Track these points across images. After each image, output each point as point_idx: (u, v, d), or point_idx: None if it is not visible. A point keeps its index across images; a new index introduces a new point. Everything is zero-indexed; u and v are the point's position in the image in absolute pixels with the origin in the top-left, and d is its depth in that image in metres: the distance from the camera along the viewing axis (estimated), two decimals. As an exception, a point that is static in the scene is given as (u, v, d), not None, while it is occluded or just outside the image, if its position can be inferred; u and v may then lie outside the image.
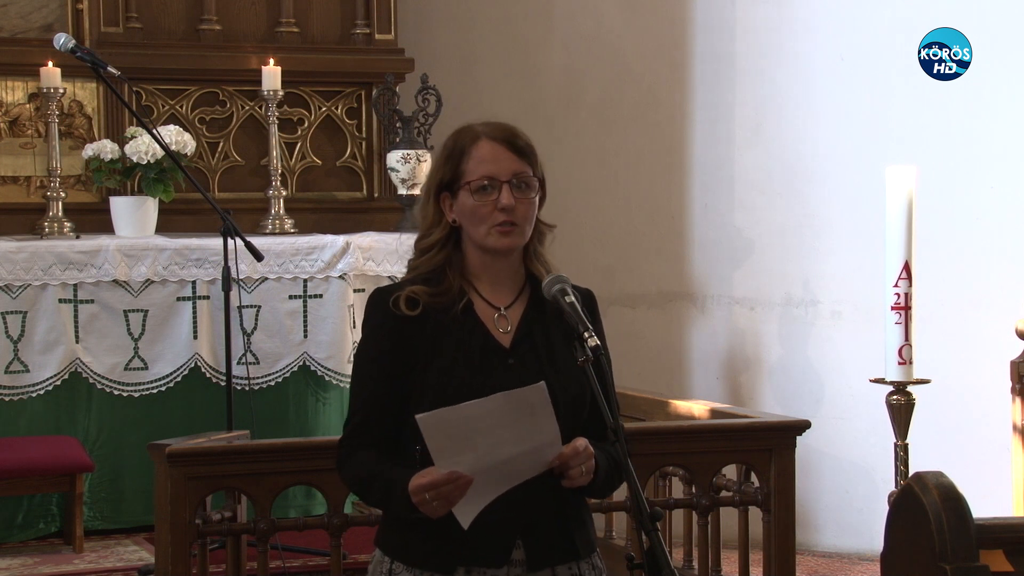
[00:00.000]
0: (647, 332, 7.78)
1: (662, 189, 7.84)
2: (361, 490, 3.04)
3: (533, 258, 3.06)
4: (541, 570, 2.98)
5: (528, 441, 2.84)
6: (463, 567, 2.95)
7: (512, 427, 2.81)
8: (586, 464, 2.90)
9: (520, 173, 2.98)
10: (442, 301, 3.00)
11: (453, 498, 2.83)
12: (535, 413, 2.81)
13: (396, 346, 2.98)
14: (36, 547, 6.29)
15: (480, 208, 2.97)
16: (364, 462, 2.98)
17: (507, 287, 3.05)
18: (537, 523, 2.97)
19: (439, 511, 2.84)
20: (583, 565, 3.03)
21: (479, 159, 2.98)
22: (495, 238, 2.98)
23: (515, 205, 2.97)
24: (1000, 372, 5.81)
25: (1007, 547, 3.12)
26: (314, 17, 7.65)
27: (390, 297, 3.01)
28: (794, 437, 5.10)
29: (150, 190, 6.84)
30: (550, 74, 8.04)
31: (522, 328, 3.02)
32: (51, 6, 7.13)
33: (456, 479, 2.81)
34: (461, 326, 2.99)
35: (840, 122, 7.31)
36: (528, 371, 2.94)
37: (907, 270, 5.25)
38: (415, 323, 2.98)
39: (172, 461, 4.53)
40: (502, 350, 3.00)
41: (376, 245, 6.97)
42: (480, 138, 3.00)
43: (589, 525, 3.08)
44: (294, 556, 5.78)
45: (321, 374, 6.78)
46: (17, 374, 6.39)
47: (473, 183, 2.97)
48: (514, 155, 2.99)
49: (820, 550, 7.20)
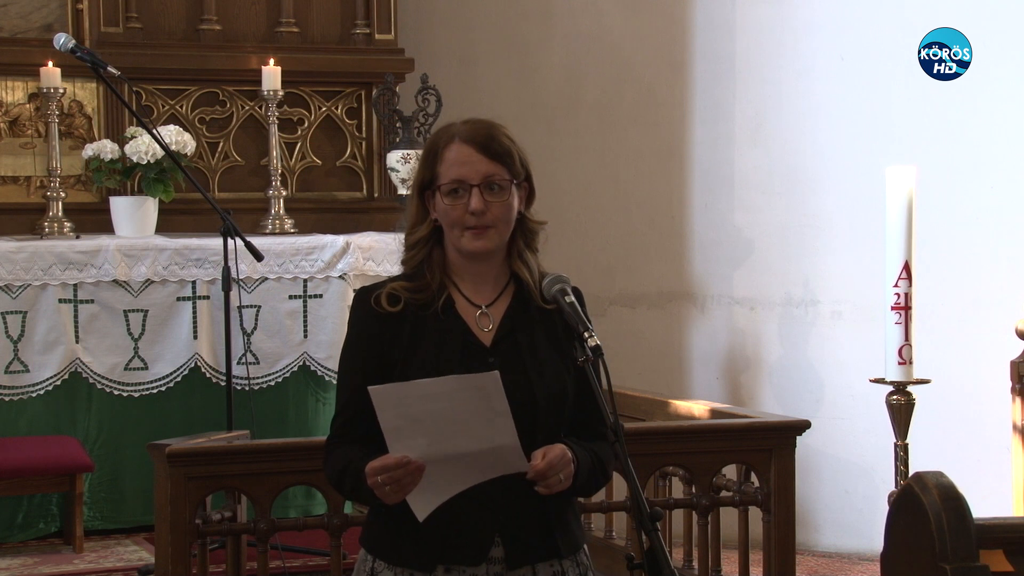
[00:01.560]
0: (647, 332, 7.78)
1: (662, 189, 7.84)
2: (338, 483, 3.04)
3: (516, 257, 3.06)
4: (521, 568, 2.98)
5: (483, 437, 2.82)
6: (442, 565, 2.95)
7: (465, 415, 2.80)
8: (564, 471, 2.90)
9: (491, 176, 2.97)
10: (423, 298, 3.00)
11: (405, 484, 2.83)
12: (490, 404, 2.80)
13: (377, 343, 2.99)
14: (36, 547, 6.29)
15: (451, 211, 2.98)
16: (341, 456, 2.99)
17: (489, 285, 3.05)
18: (516, 521, 2.96)
19: (392, 497, 2.85)
20: (566, 563, 3.02)
21: (450, 162, 2.98)
22: (467, 240, 2.98)
23: (486, 208, 2.96)
24: (1000, 372, 5.81)
25: (1007, 547, 3.13)
26: (314, 17, 7.65)
27: (371, 295, 3.02)
28: (794, 437, 5.10)
29: (150, 190, 6.84)
30: (550, 74, 8.04)
31: (504, 326, 3.02)
32: (51, 6, 7.13)
33: (406, 464, 2.81)
34: (441, 324, 2.99)
35: (840, 122, 7.31)
36: (509, 369, 2.92)
37: (907, 270, 5.25)
38: (395, 320, 2.98)
39: (172, 461, 4.53)
40: (482, 348, 2.99)
41: (376, 245, 6.97)
42: (453, 140, 2.99)
43: (573, 524, 3.07)
44: (294, 556, 5.78)
45: (321, 374, 6.78)
46: (17, 374, 6.39)
47: (444, 187, 2.98)
48: (485, 158, 2.97)
49: (820, 550, 7.20)
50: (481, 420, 2.81)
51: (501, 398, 2.80)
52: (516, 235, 3.05)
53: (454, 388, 2.80)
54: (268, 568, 4.70)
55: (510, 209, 3.00)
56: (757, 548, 5.20)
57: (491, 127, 3.01)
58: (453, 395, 2.80)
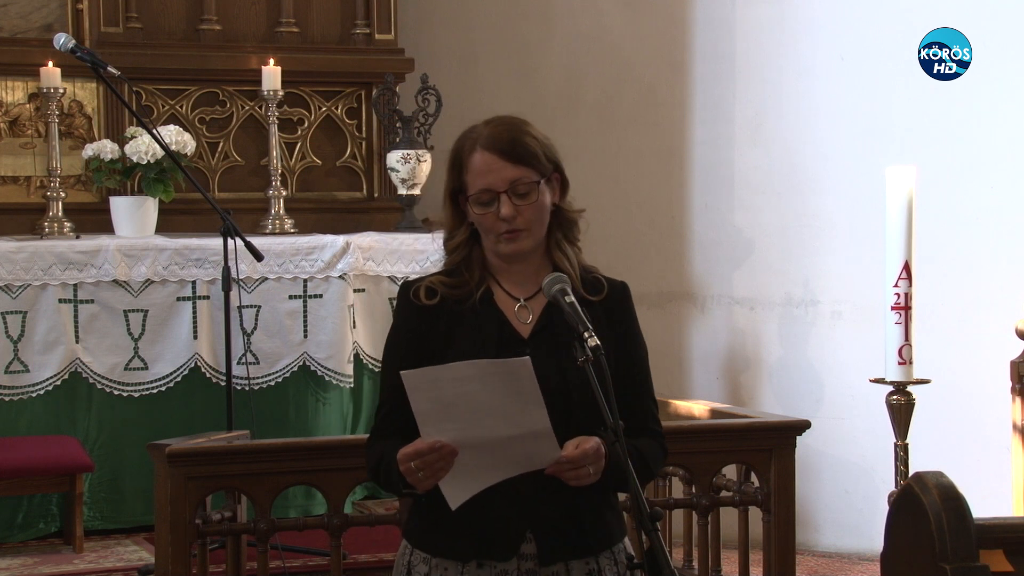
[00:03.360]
0: (647, 332, 7.73)
1: (662, 189, 7.84)
2: (375, 476, 3.05)
3: (556, 249, 3.06)
4: (554, 564, 2.98)
5: (516, 424, 2.82)
6: (475, 559, 2.96)
7: (497, 399, 2.80)
8: (595, 465, 2.89)
9: (517, 180, 2.97)
10: (461, 292, 3.02)
11: (437, 469, 2.83)
12: (521, 391, 2.80)
13: (415, 337, 3.01)
14: (36, 547, 6.29)
15: (483, 219, 3.00)
16: (379, 450, 3.01)
17: (531, 279, 3.06)
18: (549, 518, 2.97)
19: (425, 483, 2.85)
20: (602, 560, 3.02)
21: (475, 171, 2.99)
22: (503, 245, 3.01)
23: (517, 213, 2.97)
24: (1000, 372, 5.81)
25: (1007, 547, 3.12)
26: (314, 17, 7.65)
27: (411, 288, 3.05)
28: (794, 437, 5.09)
29: (150, 190, 6.84)
30: (550, 74, 8.04)
31: (543, 319, 3.03)
32: (51, 6, 7.13)
33: (439, 448, 2.81)
34: (479, 315, 3.01)
35: (840, 122, 7.31)
36: (545, 361, 2.93)
37: (907, 270, 5.25)
38: (432, 312, 3.01)
39: (172, 461, 4.53)
40: (520, 340, 3.01)
41: (376, 245, 6.97)
42: (475, 149, 2.99)
43: (609, 518, 3.06)
44: (294, 556, 5.78)
45: (321, 374, 6.78)
46: (17, 374, 6.39)
47: (472, 197, 2.99)
48: (509, 163, 2.97)
49: (820, 550, 7.19)
50: (513, 405, 2.81)
51: (533, 384, 2.79)
52: (553, 227, 3.06)
53: (486, 372, 2.80)
54: (268, 568, 4.70)
55: (541, 209, 3.00)
56: (757, 548, 5.19)
57: (512, 129, 3.00)
58: (485, 379, 2.79)
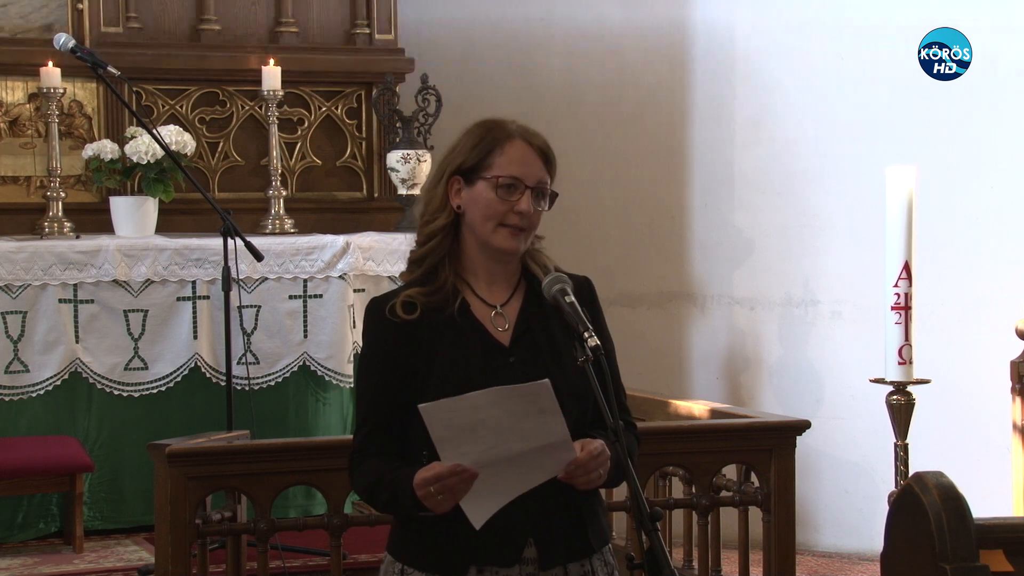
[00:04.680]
0: (647, 332, 7.78)
1: (662, 189, 7.84)
2: (370, 496, 3.03)
3: (528, 257, 3.07)
4: (553, 568, 2.98)
5: (536, 438, 2.82)
6: (475, 566, 2.94)
7: (516, 422, 2.80)
8: (604, 467, 2.90)
9: (543, 182, 3.02)
10: (437, 300, 2.99)
11: (458, 491, 2.82)
12: (542, 411, 2.80)
13: (396, 353, 2.98)
14: (36, 547, 6.29)
15: (497, 205, 2.98)
16: (372, 469, 2.98)
17: (503, 285, 3.05)
18: (550, 521, 2.96)
19: (444, 506, 2.84)
20: (595, 562, 3.03)
21: (511, 157, 2.99)
22: (502, 237, 2.99)
23: (531, 212, 2.99)
24: (1000, 372, 5.81)
25: (1007, 547, 3.13)
26: (314, 17, 7.64)
27: (386, 305, 3.00)
28: (794, 437, 5.10)
29: (150, 190, 6.84)
30: (550, 74, 8.04)
31: (520, 325, 3.02)
32: (51, 6, 7.13)
33: (460, 471, 2.80)
34: (459, 327, 2.98)
35: (840, 122, 7.31)
36: (530, 368, 2.94)
37: (907, 270, 5.25)
38: (413, 328, 2.98)
39: (172, 461, 4.53)
40: (501, 348, 2.99)
41: (376, 245, 6.96)
42: (515, 137, 3.01)
43: (602, 516, 3.08)
44: (294, 556, 5.78)
45: (321, 374, 6.78)
46: (17, 374, 6.39)
47: (501, 179, 2.98)
48: (542, 163, 3.03)
49: (820, 550, 7.20)
50: (532, 423, 2.81)
51: (553, 403, 2.80)
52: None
53: (505, 398, 2.80)
54: (268, 568, 4.70)
55: (541, 218, 3.04)
56: (757, 548, 5.20)
57: (543, 137, 3.07)
58: (503, 403, 2.80)
